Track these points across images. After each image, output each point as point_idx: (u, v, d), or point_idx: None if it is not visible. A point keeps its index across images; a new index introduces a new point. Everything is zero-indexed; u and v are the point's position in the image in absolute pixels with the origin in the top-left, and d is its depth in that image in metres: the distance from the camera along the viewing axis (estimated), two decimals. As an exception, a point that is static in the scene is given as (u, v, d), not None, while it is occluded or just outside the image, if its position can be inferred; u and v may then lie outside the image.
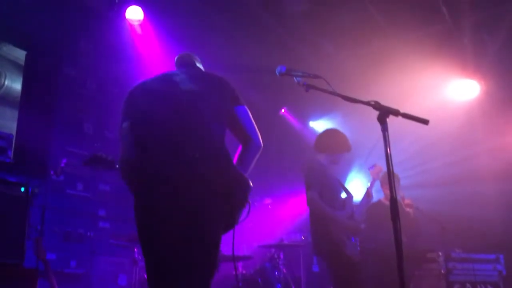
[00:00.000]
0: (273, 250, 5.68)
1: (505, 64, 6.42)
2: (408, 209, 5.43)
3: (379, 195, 5.54)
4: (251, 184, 2.49)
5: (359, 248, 4.27)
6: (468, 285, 5.28)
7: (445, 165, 6.93)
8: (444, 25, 6.00)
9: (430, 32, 6.11)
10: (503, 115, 7.09)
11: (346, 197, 4.47)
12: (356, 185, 7.72)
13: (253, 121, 2.69)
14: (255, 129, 2.68)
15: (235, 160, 2.60)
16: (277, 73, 2.77)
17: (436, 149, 7.07)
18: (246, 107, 2.70)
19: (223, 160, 2.43)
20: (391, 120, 2.40)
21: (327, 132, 4.64)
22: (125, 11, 5.44)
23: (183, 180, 2.27)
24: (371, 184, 4.60)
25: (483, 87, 6.79)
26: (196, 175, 2.29)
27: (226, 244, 5.74)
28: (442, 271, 5.25)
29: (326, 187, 4.31)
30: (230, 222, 2.46)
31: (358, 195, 6.25)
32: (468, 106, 6.91)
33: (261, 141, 2.67)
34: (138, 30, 5.49)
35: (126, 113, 2.55)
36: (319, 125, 8.33)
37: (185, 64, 2.88)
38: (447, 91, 6.92)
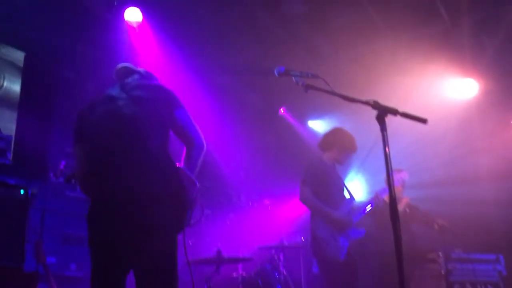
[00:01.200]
0: (273, 251, 5.67)
1: (503, 64, 6.43)
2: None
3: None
4: (197, 184, 2.61)
5: (346, 247, 4.28)
6: (468, 285, 5.27)
7: (444, 164, 6.93)
8: (442, 25, 6.00)
9: (428, 32, 6.11)
10: (501, 114, 7.10)
11: (346, 198, 4.49)
12: (354, 186, 7.72)
13: (194, 122, 2.74)
14: (196, 131, 2.72)
15: (182, 163, 2.70)
16: (276, 74, 2.77)
17: (435, 148, 7.08)
18: (185, 110, 2.75)
19: (163, 167, 2.56)
20: (389, 119, 2.40)
21: (334, 130, 4.68)
22: (123, 13, 5.44)
23: (127, 192, 2.44)
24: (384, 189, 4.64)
25: (481, 86, 6.79)
26: (136, 186, 2.45)
27: (227, 247, 5.76)
28: (442, 272, 5.25)
29: (323, 185, 4.35)
30: (179, 225, 2.55)
31: (357, 196, 6.27)
32: (466, 105, 6.92)
33: (203, 141, 2.70)
34: (137, 31, 5.48)
35: (77, 133, 2.76)
36: (318, 125, 8.33)
37: (123, 75, 2.96)
38: (445, 90, 6.92)
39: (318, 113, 8.22)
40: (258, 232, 6.67)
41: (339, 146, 4.55)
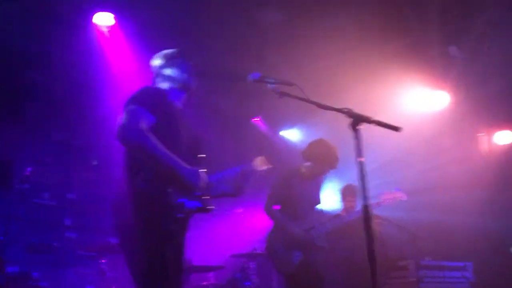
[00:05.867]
0: (245, 259, 5.61)
1: (472, 76, 6.58)
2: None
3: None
4: (140, 193, 2.57)
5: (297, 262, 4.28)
6: (438, 292, 5.33)
7: (415, 174, 7.02)
8: (413, 37, 6.11)
9: (400, 44, 6.21)
10: (470, 125, 7.27)
11: (313, 211, 4.51)
12: (327, 196, 7.74)
13: (128, 119, 2.61)
14: (124, 128, 2.59)
15: None
16: (250, 80, 2.73)
17: (407, 159, 7.18)
18: (130, 108, 2.65)
19: (122, 178, 2.65)
20: (363, 129, 2.40)
21: (318, 142, 4.66)
22: (93, 17, 5.33)
23: None
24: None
25: (452, 98, 6.93)
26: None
27: (198, 255, 5.67)
28: (413, 279, 5.29)
29: (288, 198, 4.37)
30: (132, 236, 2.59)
31: (330, 205, 6.29)
32: (438, 116, 7.04)
33: (127, 134, 2.58)
34: (107, 35, 5.38)
35: None
36: (291, 134, 8.34)
37: None
38: (417, 102, 7.03)
39: (292, 122, 8.23)
40: (231, 240, 6.60)
41: (317, 159, 4.54)
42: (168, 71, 3.02)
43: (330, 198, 7.55)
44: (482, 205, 6.82)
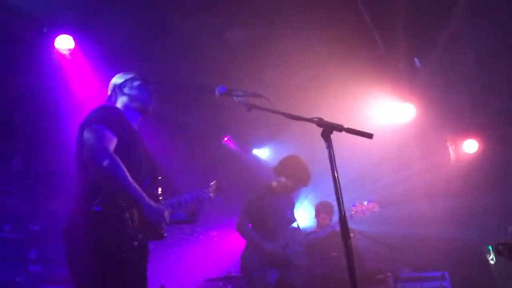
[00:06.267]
0: (220, 283, 5.46)
1: (437, 88, 6.71)
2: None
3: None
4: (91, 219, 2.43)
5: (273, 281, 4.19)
6: (416, 304, 5.30)
7: (386, 186, 7.05)
8: (378, 52, 6.19)
9: (367, 58, 6.28)
10: (435, 136, 7.40)
11: (288, 229, 4.44)
12: (302, 212, 7.68)
13: (97, 139, 2.51)
14: (93, 149, 2.48)
15: None
16: (217, 94, 2.67)
17: (376, 171, 7.22)
18: (92, 128, 2.55)
19: (75, 201, 2.55)
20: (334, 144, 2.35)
21: (289, 158, 4.66)
22: (54, 41, 5.20)
23: None
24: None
25: (418, 109, 7.03)
26: None
27: (171, 282, 5.46)
28: (392, 292, 5.25)
29: (261, 215, 4.31)
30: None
31: (304, 222, 6.22)
32: (406, 128, 7.12)
33: (99, 157, 2.44)
34: (69, 59, 5.25)
35: None
36: (263, 153, 8.28)
37: None
38: (385, 114, 7.10)
39: (263, 141, 8.18)
40: (205, 264, 6.44)
41: (288, 175, 4.52)
42: (126, 91, 2.92)
43: (304, 216, 7.49)
44: (453, 213, 6.89)
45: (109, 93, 2.99)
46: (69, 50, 5.20)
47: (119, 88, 2.93)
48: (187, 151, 6.89)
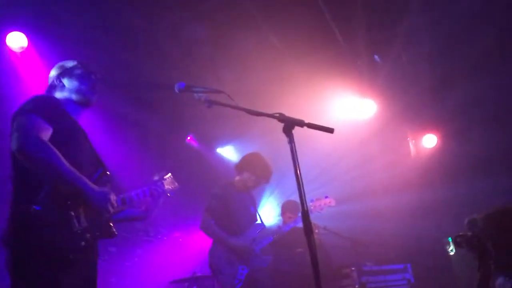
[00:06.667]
0: (186, 284, 5.38)
1: (396, 84, 6.84)
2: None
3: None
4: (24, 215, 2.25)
5: (243, 276, 4.19)
6: (381, 296, 5.39)
7: (347, 181, 7.15)
8: (339, 48, 6.25)
9: (326, 56, 6.33)
10: (396, 131, 7.55)
11: (253, 224, 4.43)
12: (267, 210, 7.68)
13: (25, 128, 2.29)
14: (20, 137, 2.26)
15: None
16: (176, 90, 2.61)
17: (338, 167, 7.29)
18: (24, 117, 2.33)
19: (11, 209, 2.33)
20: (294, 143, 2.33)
21: (250, 154, 4.66)
22: (5, 38, 4.98)
23: None
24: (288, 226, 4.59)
25: (379, 105, 7.15)
26: None
27: (135, 285, 5.32)
28: (356, 286, 5.31)
29: (226, 212, 4.27)
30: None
31: (269, 219, 6.20)
32: (366, 124, 7.23)
33: (27, 144, 2.24)
34: (20, 57, 5.02)
35: None
36: (227, 151, 8.23)
37: None
38: (347, 110, 7.19)
39: (226, 140, 8.13)
40: (169, 266, 6.33)
41: (250, 171, 4.52)
42: (65, 82, 2.70)
43: (270, 214, 7.49)
44: (413, 207, 7.04)
45: (49, 83, 2.77)
46: (22, 48, 4.98)
47: (57, 78, 2.71)
48: (147, 151, 6.75)
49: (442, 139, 7.66)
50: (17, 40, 4.97)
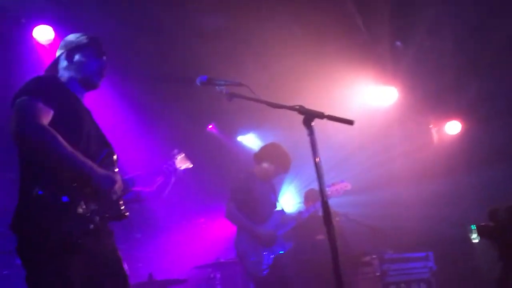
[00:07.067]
0: (209, 270, 5.50)
1: (419, 70, 6.75)
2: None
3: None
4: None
5: (270, 262, 4.25)
6: (402, 285, 5.41)
7: (368, 169, 7.14)
8: (360, 35, 6.20)
9: (347, 42, 6.29)
10: (418, 118, 7.48)
11: (275, 211, 4.50)
12: (287, 198, 7.74)
13: (23, 111, 2.21)
14: (18, 121, 2.18)
15: None
16: (198, 83, 2.67)
17: (359, 155, 7.28)
18: (22, 100, 2.25)
19: (18, 195, 2.27)
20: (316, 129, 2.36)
21: (269, 145, 4.74)
22: (32, 31, 5.11)
23: None
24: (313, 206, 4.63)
25: (400, 93, 7.08)
26: None
27: (160, 270, 5.47)
28: (377, 274, 5.33)
29: (248, 200, 4.36)
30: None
31: (289, 207, 6.26)
32: (387, 111, 7.18)
33: (25, 128, 2.16)
34: (48, 49, 5.15)
35: None
36: (248, 140, 8.29)
37: None
38: (367, 98, 7.14)
39: (248, 128, 8.19)
40: (193, 251, 6.47)
41: (269, 161, 4.61)
42: (74, 59, 2.57)
43: (289, 202, 7.55)
44: (436, 195, 7.00)
45: (57, 55, 2.64)
46: (49, 41, 5.10)
47: (67, 55, 2.58)
48: (170, 139, 6.87)
49: (465, 126, 7.56)
50: (44, 33, 5.09)
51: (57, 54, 2.66)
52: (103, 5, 5.01)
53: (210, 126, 7.92)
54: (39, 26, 5.12)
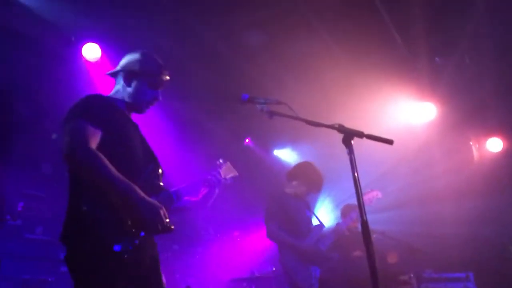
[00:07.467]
0: (244, 283, 5.54)
1: (458, 86, 6.65)
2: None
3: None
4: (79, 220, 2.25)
5: (318, 276, 4.26)
6: (441, 305, 5.29)
7: (406, 186, 7.02)
8: (398, 51, 6.18)
9: (384, 58, 6.27)
10: (457, 135, 7.32)
11: (314, 226, 4.50)
12: (322, 213, 7.71)
13: (72, 135, 2.28)
14: (67, 144, 2.26)
15: None
16: (240, 102, 2.73)
17: (397, 172, 7.18)
18: (68, 123, 2.33)
19: (67, 209, 2.34)
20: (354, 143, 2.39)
21: (302, 163, 4.76)
22: (81, 49, 5.36)
23: None
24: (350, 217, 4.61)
25: (439, 108, 6.98)
26: None
27: (197, 282, 5.54)
28: (415, 293, 5.24)
29: (287, 218, 4.36)
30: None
31: (325, 223, 6.22)
32: (425, 128, 7.07)
33: (73, 151, 2.23)
34: (95, 67, 5.40)
35: None
36: (284, 154, 8.34)
37: None
38: (405, 114, 7.06)
39: (284, 142, 8.24)
40: (228, 264, 6.53)
41: (301, 180, 4.60)
42: (132, 84, 2.65)
43: (325, 217, 7.52)
44: (477, 213, 6.81)
45: (116, 69, 2.72)
46: (96, 58, 5.34)
47: (127, 77, 2.66)
48: (209, 152, 7.01)
49: (507, 143, 7.36)
50: (92, 51, 5.34)
51: (118, 68, 2.74)
52: (147, 23, 5.21)
53: (247, 140, 8.02)
54: (87, 44, 5.36)
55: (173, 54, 5.49)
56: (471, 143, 7.55)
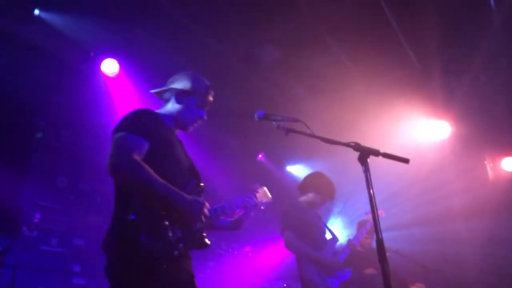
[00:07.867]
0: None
1: (473, 105, 6.63)
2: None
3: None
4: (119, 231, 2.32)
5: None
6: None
7: (419, 205, 6.98)
8: (412, 69, 6.20)
9: (399, 76, 6.30)
10: (472, 154, 7.25)
11: (329, 239, 4.47)
12: (335, 229, 7.67)
13: (118, 147, 2.37)
14: (113, 156, 2.34)
15: None
16: (255, 118, 2.75)
17: (410, 190, 7.14)
18: (118, 135, 2.41)
19: (112, 218, 2.40)
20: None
21: (314, 174, 4.72)
22: (100, 64, 5.47)
23: None
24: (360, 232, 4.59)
25: (453, 127, 6.95)
26: None
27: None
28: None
29: (305, 228, 4.32)
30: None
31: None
32: (439, 146, 7.04)
33: (117, 163, 2.31)
34: (114, 82, 5.50)
35: None
36: (297, 170, 8.34)
37: None
38: (418, 132, 7.05)
39: (297, 158, 8.25)
40: (239, 280, 6.51)
41: (315, 190, 4.56)
42: (183, 102, 2.76)
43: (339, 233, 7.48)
44: (491, 233, 6.73)
45: (166, 87, 2.83)
46: (114, 73, 5.44)
47: (178, 95, 2.77)
48: (224, 168, 7.04)
49: (523, 162, 7.28)
50: (110, 66, 5.44)
51: (169, 86, 2.83)
52: (164, 40, 5.30)
53: (259, 156, 8.05)
54: (106, 59, 5.47)
55: (189, 70, 5.57)
56: (485, 162, 7.48)
